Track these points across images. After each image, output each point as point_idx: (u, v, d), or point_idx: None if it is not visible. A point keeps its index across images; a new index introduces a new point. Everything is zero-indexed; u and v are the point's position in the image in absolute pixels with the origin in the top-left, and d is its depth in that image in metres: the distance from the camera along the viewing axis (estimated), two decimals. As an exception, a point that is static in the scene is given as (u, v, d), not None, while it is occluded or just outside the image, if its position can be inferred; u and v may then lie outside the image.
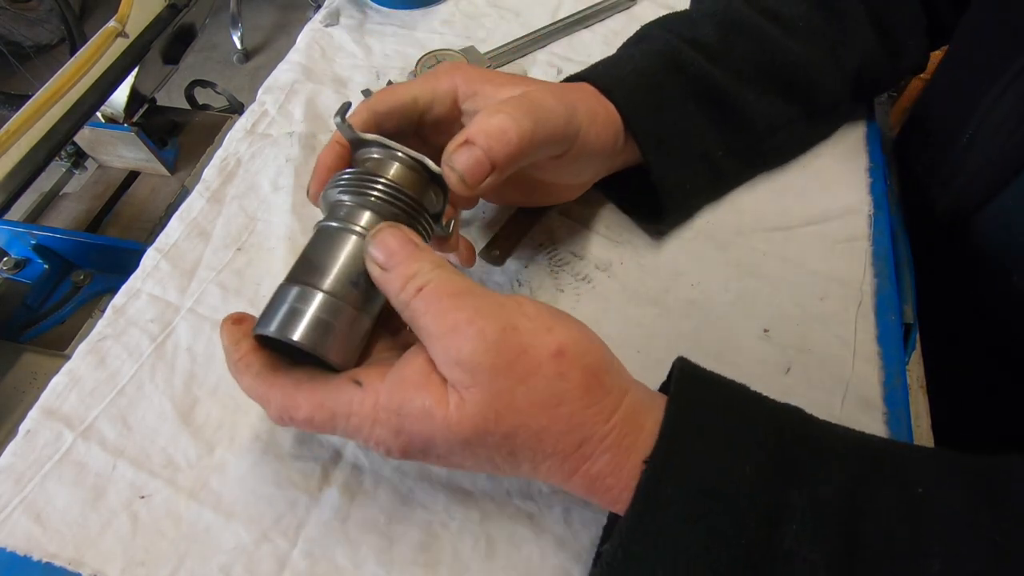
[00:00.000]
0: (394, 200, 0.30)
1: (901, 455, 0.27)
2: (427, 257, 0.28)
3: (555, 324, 0.27)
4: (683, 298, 0.41)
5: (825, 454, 0.26)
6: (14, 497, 0.35)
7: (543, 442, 0.26)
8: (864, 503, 0.25)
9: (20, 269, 0.72)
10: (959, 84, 0.49)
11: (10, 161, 0.58)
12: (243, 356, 0.29)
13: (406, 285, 0.27)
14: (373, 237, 0.28)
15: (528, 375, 0.25)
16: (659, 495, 0.25)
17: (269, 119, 0.53)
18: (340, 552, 0.32)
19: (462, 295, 0.26)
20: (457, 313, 0.26)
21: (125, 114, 0.80)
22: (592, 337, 0.28)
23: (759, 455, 0.25)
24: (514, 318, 0.26)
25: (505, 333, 0.25)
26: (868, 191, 0.44)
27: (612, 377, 0.27)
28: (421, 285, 0.27)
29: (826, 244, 0.42)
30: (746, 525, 0.24)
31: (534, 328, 0.26)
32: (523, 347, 0.25)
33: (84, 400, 0.38)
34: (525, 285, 0.42)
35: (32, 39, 1.98)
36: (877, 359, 0.37)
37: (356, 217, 0.30)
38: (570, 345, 0.26)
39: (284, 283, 0.29)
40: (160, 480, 0.35)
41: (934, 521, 0.24)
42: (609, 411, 0.26)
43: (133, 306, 0.42)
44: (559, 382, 0.26)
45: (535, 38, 0.58)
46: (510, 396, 0.25)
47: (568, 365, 0.26)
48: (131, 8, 0.69)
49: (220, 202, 0.48)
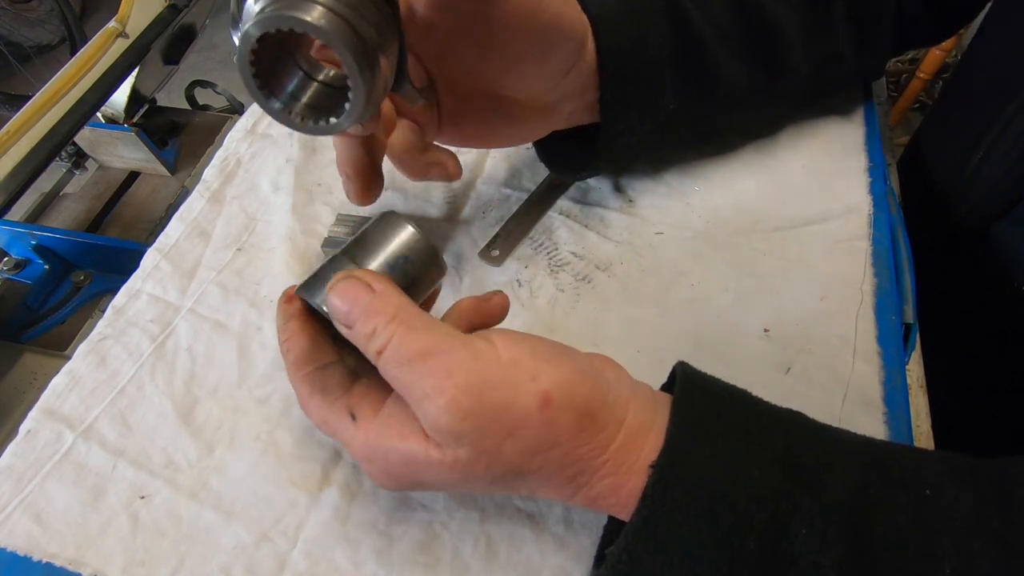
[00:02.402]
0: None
1: (909, 457, 0.26)
2: (384, 309, 0.26)
3: (539, 368, 0.25)
4: (683, 298, 0.41)
5: (833, 456, 0.26)
6: (14, 497, 0.35)
7: (536, 478, 0.26)
8: (874, 505, 0.24)
9: (20, 269, 0.72)
10: (972, 102, 0.49)
11: (10, 161, 0.58)
12: (287, 340, 0.29)
13: (367, 346, 0.26)
14: (330, 289, 0.27)
15: (515, 428, 0.24)
16: (666, 500, 0.24)
17: (269, 119, 0.53)
18: (340, 552, 0.32)
19: (425, 357, 0.25)
20: (425, 380, 0.24)
21: (125, 114, 0.80)
22: (582, 368, 0.26)
23: (765, 458, 0.25)
24: (489, 373, 0.24)
25: (481, 398, 0.24)
26: (868, 191, 0.44)
27: (607, 410, 0.26)
28: (380, 348, 0.25)
29: (826, 244, 0.42)
30: (754, 528, 0.24)
31: (515, 378, 0.25)
32: (505, 405, 0.24)
33: (84, 400, 0.38)
34: (525, 285, 0.42)
35: (33, 39, 1.98)
36: (877, 359, 0.37)
37: None
38: (557, 389, 0.25)
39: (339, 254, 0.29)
40: (160, 480, 0.35)
41: (944, 523, 0.24)
42: (604, 445, 0.25)
43: (133, 306, 0.42)
44: (549, 429, 0.25)
45: (535, 38, 0.57)
46: (498, 451, 0.25)
47: (557, 411, 0.25)
48: (131, 8, 0.69)
49: (220, 202, 0.48)
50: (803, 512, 0.24)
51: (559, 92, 0.36)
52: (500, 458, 0.25)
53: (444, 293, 0.42)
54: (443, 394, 0.24)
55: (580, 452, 0.25)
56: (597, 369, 0.27)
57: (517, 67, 0.34)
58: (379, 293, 0.26)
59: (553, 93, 0.36)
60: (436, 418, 0.24)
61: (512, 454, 0.25)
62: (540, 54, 0.33)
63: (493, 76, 0.34)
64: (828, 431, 0.27)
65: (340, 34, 0.23)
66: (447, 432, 0.24)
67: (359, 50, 0.24)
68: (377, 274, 0.28)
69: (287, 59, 0.29)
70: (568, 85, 0.36)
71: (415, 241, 0.29)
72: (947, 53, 1.43)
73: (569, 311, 0.40)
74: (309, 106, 0.28)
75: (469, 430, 0.24)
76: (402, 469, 0.26)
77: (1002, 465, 0.26)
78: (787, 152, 0.48)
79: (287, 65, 0.29)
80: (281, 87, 0.28)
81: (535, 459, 0.25)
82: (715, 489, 0.24)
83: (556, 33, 0.33)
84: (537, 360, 0.25)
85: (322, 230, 0.45)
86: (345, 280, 0.27)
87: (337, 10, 0.24)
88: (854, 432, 0.28)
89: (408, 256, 0.29)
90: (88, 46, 0.66)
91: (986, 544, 0.24)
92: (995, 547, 0.23)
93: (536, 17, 0.31)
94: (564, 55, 0.34)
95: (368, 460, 0.27)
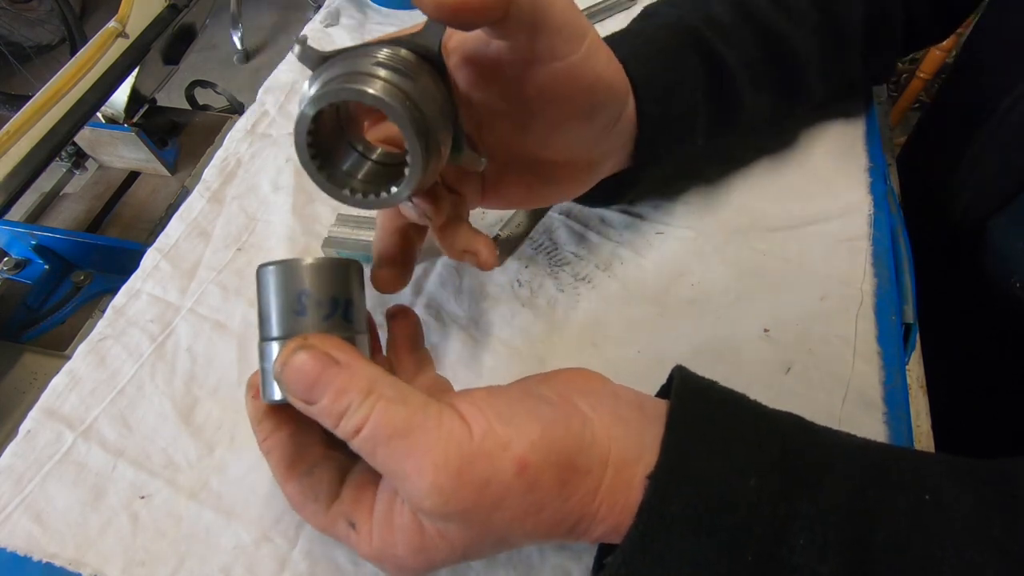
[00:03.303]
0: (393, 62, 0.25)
1: (908, 460, 0.26)
2: (354, 384, 0.24)
3: (509, 436, 0.24)
4: (683, 298, 0.41)
5: (831, 461, 0.25)
6: (14, 497, 0.35)
7: (538, 537, 0.26)
8: (873, 508, 0.24)
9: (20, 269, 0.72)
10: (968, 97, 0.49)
11: (11, 161, 0.58)
12: (264, 440, 0.28)
13: (339, 424, 0.24)
14: (281, 367, 0.25)
15: (499, 501, 0.24)
16: (664, 513, 0.24)
17: (269, 119, 0.53)
18: (340, 552, 0.32)
19: (403, 435, 0.24)
20: (406, 460, 0.24)
21: (125, 114, 0.80)
22: (555, 420, 0.25)
23: (763, 465, 0.25)
24: (465, 448, 0.24)
25: (461, 475, 0.23)
26: (868, 191, 0.44)
27: (586, 455, 0.25)
28: (357, 427, 0.24)
29: (826, 244, 0.42)
30: (752, 538, 0.24)
31: (489, 450, 0.24)
32: (485, 480, 0.24)
33: (84, 400, 0.38)
34: (525, 285, 0.42)
35: (32, 39, 1.98)
36: (877, 359, 0.37)
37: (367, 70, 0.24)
38: (531, 453, 0.24)
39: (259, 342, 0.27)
40: (160, 480, 0.35)
41: (945, 528, 0.24)
42: (593, 490, 0.25)
43: (133, 306, 0.42)
44: (531, 494, 0.24)
45: (535, 38, 0.57)
46: (487, 524, 0.25)
47: (535, 474, 0.24)
48: (131, 8, 0.69)
49: (220, 202, 0.48)
50: (801, 517, 0.24)
51: (602, 151, 0.36)
52: (492, 530, 0.25)
53: (447, 293, 0.42)
54: (424, 475, 0.23)
55: (569, 506, 0.25)
56: (568, 411, 0.26)
57: (559, 133, 0.33)
58: (344, 365, 0.25)
59: (596, 153, 0.36)
60: (420, 501, 0.24)
61: (502, 523, 0.25)
62: (582, 119, 0.33)
63: (535, 143, 0.34)
64: (826, 434, 0.27)
65: (400, 107, 0.24)
66: (434, 515, 0.24)
67: (419, 124, 0.24)
68: (330, 337, 0.26)
69: (341, 139, 0.29)
70: (611, 142, 0.36)
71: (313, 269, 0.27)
72: (947, 53, 1.43)
73: (569, 311, 0.40)
74: (365, 182, 0.28)
75: (454, 512, 0.24)
76: (413, 561, 0.26)
77: (1002, 466, 0.26)
78: (787, 152, 0.48)
79: (342, 144, 0.29)
80: (336, 166, 0.28)
81: (527, 523, 0.25)
82: (713, 500, 0.24)
83: (597, 97, 0.32)
84: (505, 426, 0.25)
85: (322, 230, 0.45)
86: (296, 353, 0.24)
87: (396, 83, 0.24)
88: (852, 434, 0.28)
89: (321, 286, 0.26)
90: (88, 46, 0.66)
91: (986, 547, 0.23)
92: (996, 552, 0.23)
93: (575, 83, 0.30)
94: (606, 117, 0.34)
95: (379, 561, 0.27)
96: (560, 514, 0.25)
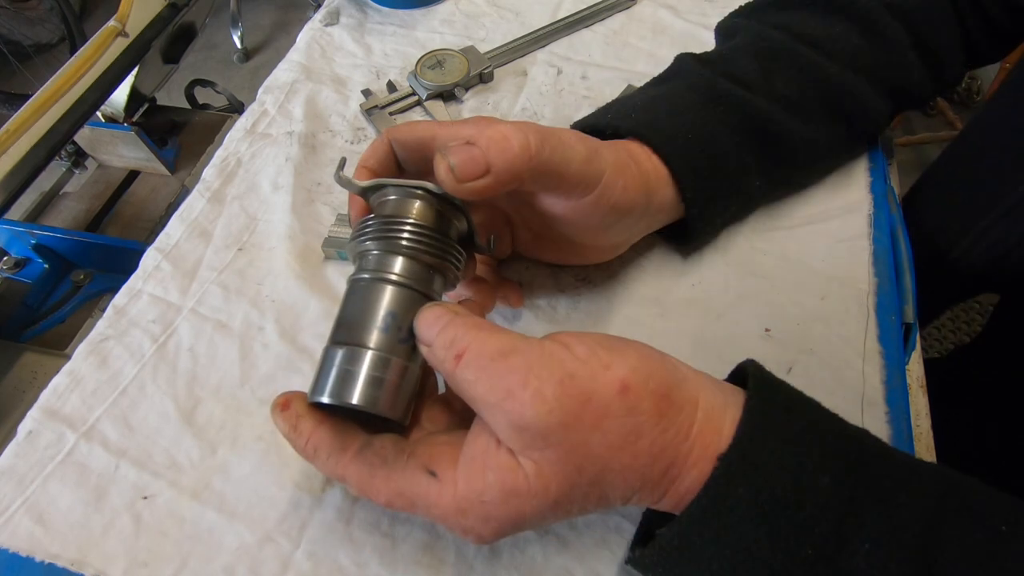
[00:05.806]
0: (420, 238, 0.30)
1: (981, 490, 0.26)
2: (462, 322, 0.27)
3: (611, 358, 0.25)
4: (683, 298, 0.41)
5: (906, 478, 0.25)
6: (16, 498, 0.35)
7: (630, 478, 0.25)
8: (945, 534, 0.24)
9: (20, 269, 0.72)
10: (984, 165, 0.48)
11: (10, 161, 0.58)
12: (308, 440, 0.28)
13: (446, 355, 0.26)
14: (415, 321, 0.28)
15: (599, 420, 0.24)
16: (728, 493, 0.24)
17: (269, 119, 0.53)
18: (343, 553, 0.32)
19: (506, 355, 0.25)
20: (508, 376, 0.25)
21: (125, 113, 0.80)
22: (650, 354, 0.27)
23: (837, 468, 0.24)
24: (568, 365, 0.25)
25: (564, 387, 0.24)
26: (868, 190, 0.44)
27: (682, 391, 0.26)
28: (460, 351, 0.26)
29: (826, 243, 0.42)
30: (814, 535, 0.23)
31: (591, 370, 0.25)
32: (586, 395, 0.24)
33: (86, 401, 0.38)
34: (525, 286, 0.42)
35: (32, 38, 1.97)
36: (877, 358, 0.37)
37: (387, 265, 0.30)
38: (632, 375, 0.25)
39: (329, 345, 0.29)
40: (163, 481, 0.35)
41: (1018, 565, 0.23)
42: (687, 427, 0.25)
43: (134, 306, 0.42)
44: (632, 417, 0.24)
45: (535, 38, 0.58)
46: (586, 447, 0.24)
47: (636, 397, 0.25)
48: (131, 7, 0.69)
49: (220, 202, 0.48)
50: (869, 528, 0.23)
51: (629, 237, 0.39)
52: (589, 456, 0.25)
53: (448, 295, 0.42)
54: (527, 386, 0.24)
55: (666, 438, 0.25)
56: (660, 352, 0.27)
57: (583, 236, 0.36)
58: (460, 313, 0.27)
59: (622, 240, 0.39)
60: (521, 415, 0.24)
61: (601, 449, 0.25)
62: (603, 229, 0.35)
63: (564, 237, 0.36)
64: (900, 453, 0.27)
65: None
66: (534, 430, 0.24)
67: None
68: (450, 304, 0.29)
69: None
70: (642, 228, 0.39)
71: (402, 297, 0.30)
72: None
73: (569, 311, 0.41)
74: None
75: (555, 424, 0.24)
76: (501, 509, 0.25)
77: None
78: (787, 152, 0.48)
79: None
80: None
81: (624, 454, 0.25)
82: (779, 491, 0.24)
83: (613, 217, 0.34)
84: (607, 350, 0.26)
85: (322, 230, 0.45)
86: (428, 307, 0.28)
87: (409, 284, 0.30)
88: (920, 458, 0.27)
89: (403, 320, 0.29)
90: (88, 45, 0.66)
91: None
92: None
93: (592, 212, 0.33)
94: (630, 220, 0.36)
95: (462, 513, 0.26)
96: (657, 447, 0.25)
